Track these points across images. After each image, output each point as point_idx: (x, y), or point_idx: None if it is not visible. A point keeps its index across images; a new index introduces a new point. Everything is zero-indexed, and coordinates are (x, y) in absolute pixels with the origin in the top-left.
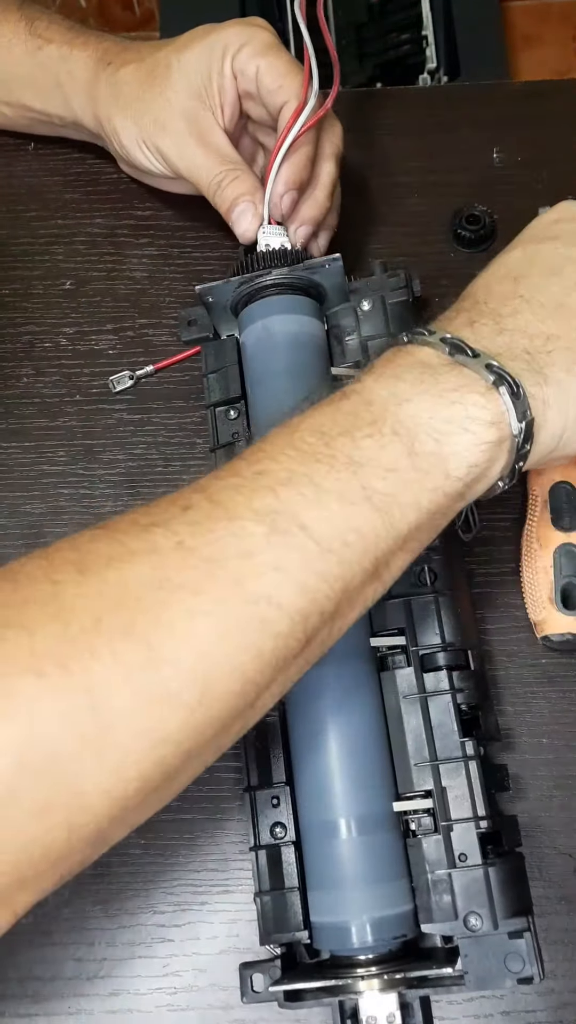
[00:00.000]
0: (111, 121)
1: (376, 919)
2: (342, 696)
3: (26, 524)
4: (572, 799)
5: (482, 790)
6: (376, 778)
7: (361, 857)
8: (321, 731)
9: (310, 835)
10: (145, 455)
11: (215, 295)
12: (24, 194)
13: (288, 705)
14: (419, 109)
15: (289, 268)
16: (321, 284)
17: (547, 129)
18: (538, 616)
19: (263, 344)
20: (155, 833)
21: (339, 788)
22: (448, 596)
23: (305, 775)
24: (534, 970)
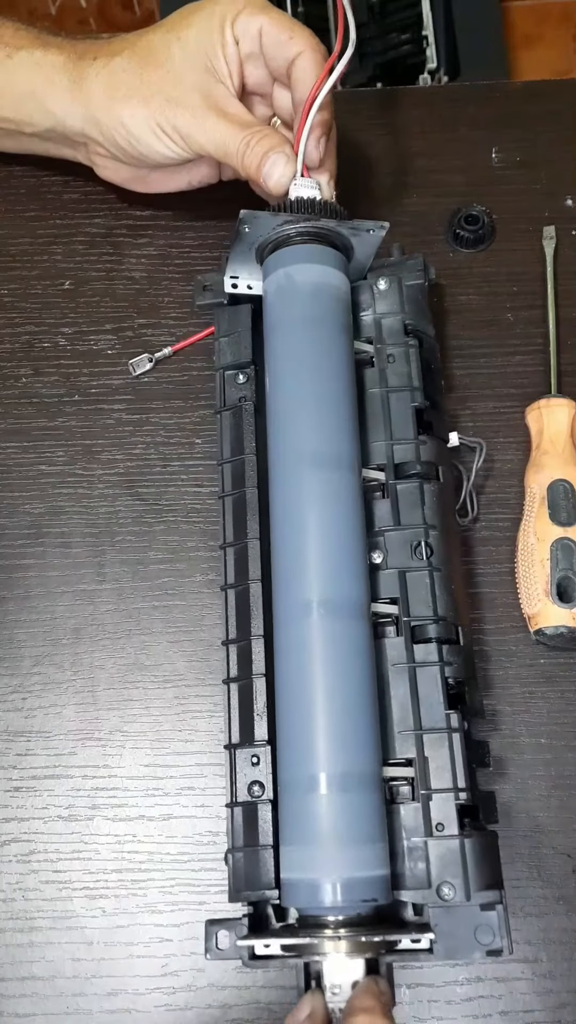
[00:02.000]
0: (114, 113)
1: (348, 879)
2: (336, 651)
3: (25, 524)
4: (571, 799)
5: (464, 762)
6: (363, 737)
7: (340, 815)
8: (310, 683)
9: (289, 789)
10: (144, 455)
11: (254, 226)
12: (23, 194)
13: (278, 656)
14: (419, 109)
15: (337, 221)
16: (353, 248)
17: (547, 129)
18: (533, 609)
19: (284, 292)
20: (154, 832)
21: (324, 742)
22: (443, 572)
23: (289, 727)
24: (503, 943)
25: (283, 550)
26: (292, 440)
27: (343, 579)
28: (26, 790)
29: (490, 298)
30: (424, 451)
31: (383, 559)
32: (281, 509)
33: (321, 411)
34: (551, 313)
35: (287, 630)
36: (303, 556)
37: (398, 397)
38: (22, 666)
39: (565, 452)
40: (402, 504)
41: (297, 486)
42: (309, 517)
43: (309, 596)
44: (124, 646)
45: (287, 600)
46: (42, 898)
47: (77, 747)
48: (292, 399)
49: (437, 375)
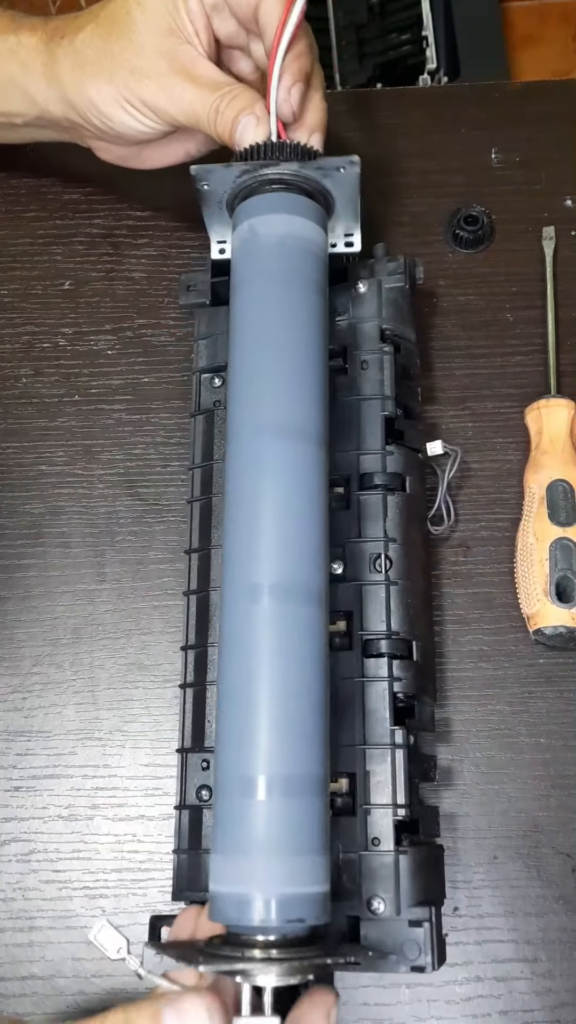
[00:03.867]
0: (83, 92)
1: (283, 896)
2: (285, 641)
3: (25, 524)
4: (570, 798)
5: (405, 779)
6: (310, 737)
7: (278, 822)
8: (254, 675)
9: (223, 791)
10: (144, 455)
11: (212, 181)
12: (23, 194)
13: (221, 644)
14: (418, 109)
15: (299, 163)
16: (331, 192)
17: (546, 129)
18: (532, 609)
19: (249, 246)
20: (153, 832)
21: (265, 740)
22: (400, 586)
23: (228, 722)
24: (428, 960)
25: (233, 527)
26: (250, 407)
27: (298, 562)
28: (26, 790)
29: (489, 298)
30: (391, 462)
31: (343, 570)
32: (234, 481)
33: (284, 376)
34: (550, 313)
35: (232, 615)
36: (255, 534)
37: (369, 405)
38: (22, 666)
39: (564, 452)
40: (364, 515)
41: (254, 457)
42: (265, 491)
43: (259, 579)
44: (124, 646)
45: (234, 582)
46: (42, 898)
47: (77, 747)
48: (251, 362)
49: (415, 381)
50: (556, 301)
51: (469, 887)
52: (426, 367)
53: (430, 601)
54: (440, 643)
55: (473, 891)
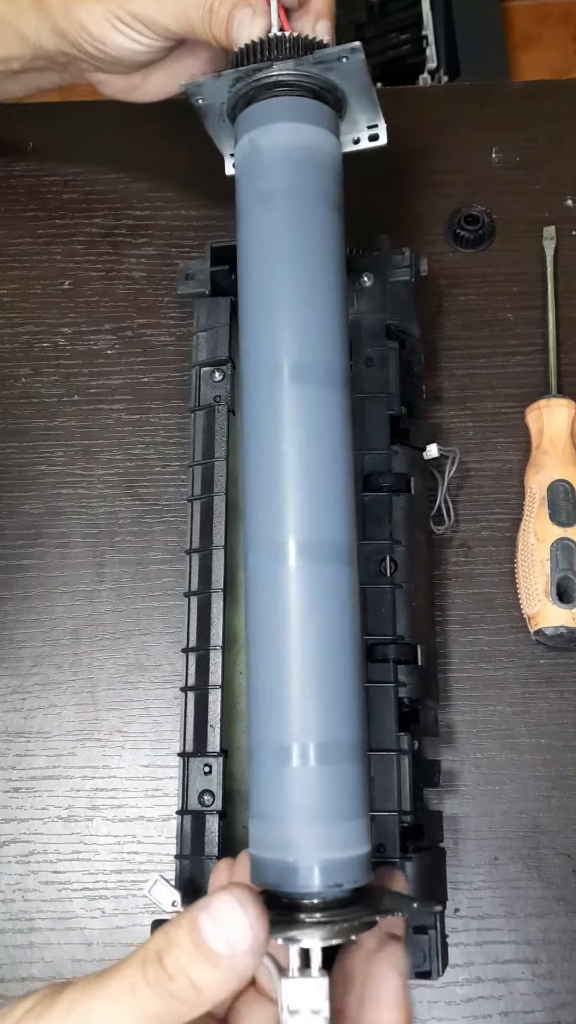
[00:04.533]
0: (73, 17)
1: (328, 861)
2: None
3: (25, 524)
4: (570, 799)
5: (410, 785)
6: (346, 701)
7: (319, 790)
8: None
9: (259, 758)
10: (144, 455)
11: (206, 94)
12: (23, 194)
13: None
14: (419, 109)
15: (295, 61)
16: (339, 87)
17: (546, 129)
18: (532, 609)
19: (250, 163)
20: (153, 833)
21: (302, 707)
22: (404, 589)
23: (261, 689)
24: (433, 966)
25: (254, 482)
26: (265, 347)
27: (326, 518)
28: (25, 791)
29: (490, 298)
30: (396, 462)
31: None
32: (253, 432)
33: (299, 310)
34: (551, 313)
35: (257, 578)
36: (278, 489)
37: (373, 403)
38: (21, 667)
39: (565, 452)
40: (369, 517)
41: (272, 403)
42: (286, 441)
43: (284, 537)
44: (124, 646)
45: (258, 542)
46: (41, 899)
47: (77, 748)
48: (263, 296)
49: (418, 378)
50: (556, 301)
51: (470, 888)
52: (427, 367)
53: (433, 603)
54: (441, 644)
55: (474, 892)
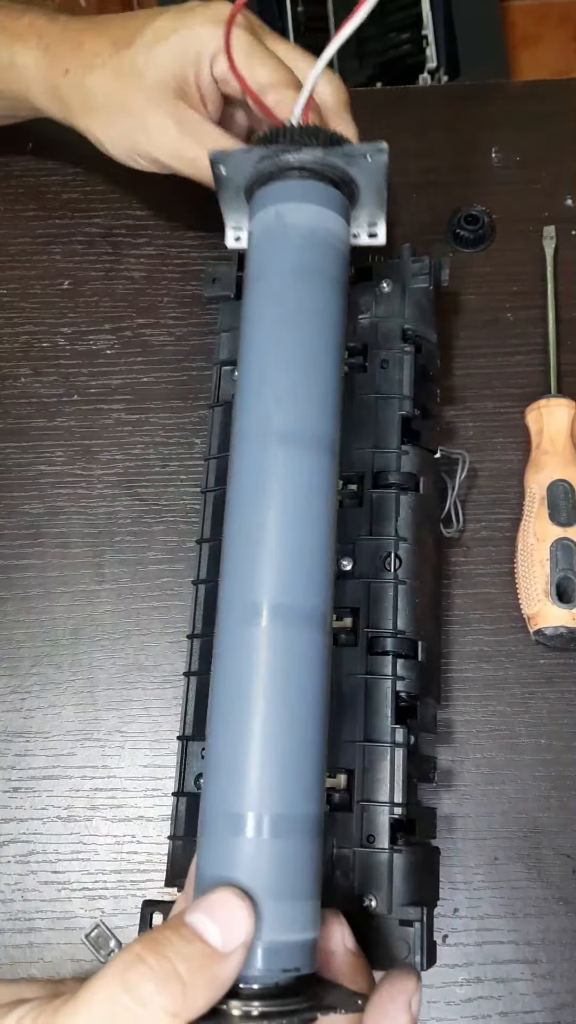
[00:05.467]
0: (91, 130)
1: (272, 944)
2: (284, 669)
3: (24, 524)
4: (571, 799)
5: (403, 778)
6: (307, 773)
7: (268, 864)
8: (248, 704)
9: (210, 827)
10: (143, 455)
11: (230, 166)
12: (22, 193)
13: (214, 668)
14: (418, 108)
15: (323, 150)
16: (355, 181)
17: (546, 129)
18: (532, 609)
19: (272, 235)
20: (153, 833)
21: (258, 776)
22: (408, 585)
23: (219, 753)
24: (418, 960)
25: (234, 540)
26: (260, 409)
27: (303, 581)
28: (25, 790)
29: (490, 298)
30: (405, 461)
31: (352, 567)
32: (238, 491)
33: (300, 379)
34: (551, 313)
35: (228, 637)
36: (257, 549)
37: (387, 404)
38: (21, 667)
39: (565, 452)
40: (376, 513)
41: (260, 464)
42: (271, 503)
43: (259, 598)
44: (123, 647)
45: (233, 602)
46: (41, 899)
47: (76, 748)
48: (266, 361)
49: (433, 382)
50: (557, 301)
51: (469, 888)
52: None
53: (439, 603)
54: (441, 643)
55: (473, 892)
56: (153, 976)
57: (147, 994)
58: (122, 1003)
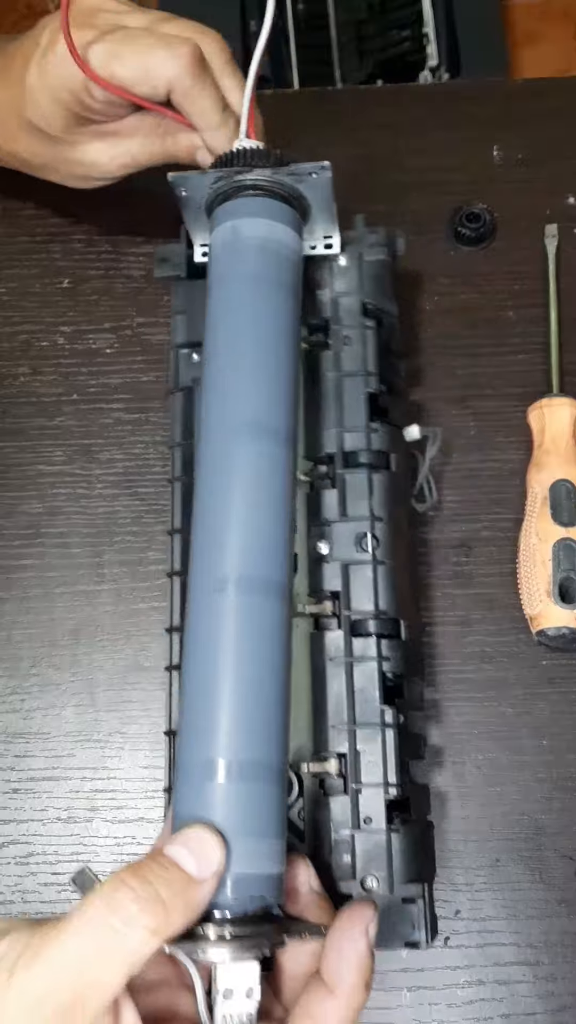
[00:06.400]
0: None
1: (240, 875)
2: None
3: (23, 524)
4: (573, 801)
5: (396, 758)
6: (270, 725)
7: (236, 804)
8: (218, 663)
9: (184, 773)
10: (143, 455)
11: (189, 188)
12: (21, 192)
13: (187, 634)
14: (419, 106)
15: (272, 170)
16: (304, 196)
17: (548, 127)
18: (534, 610)
19: (228, 247)
20: (153, 835)
21: (227, 726)
22: (387, 565)
23: (192, 708)
24: (422, 936)
25: (202, 522)
26: (224, 406)
27: (263, 558)
28: (24, 792)
29: (491, 296)
30: (375, 439)
31: (329, 551)
32: (205, 479)
33: (258, 377)
34: (553, 312)
35: (199, 606)
36: (224, 529)
37: (352, 382)
38: (20, 667)
39: (567, 452)
40: (349, 494)
41: (225, 455)
42: (234, 488)
43: (226, 572)
44: (123, 647)
45: (202, 575)
46: (41, 900)
47: (76, 749)
48: (227, 362)
49: (398, 358)
50: (559, 299)
51: (471, 890)
52: (428, 365)
53: (416, 580)
54: (442, 644)
55: (475, 894)
56: (137, 898)
57: (131, 914)
58: (108, 922)
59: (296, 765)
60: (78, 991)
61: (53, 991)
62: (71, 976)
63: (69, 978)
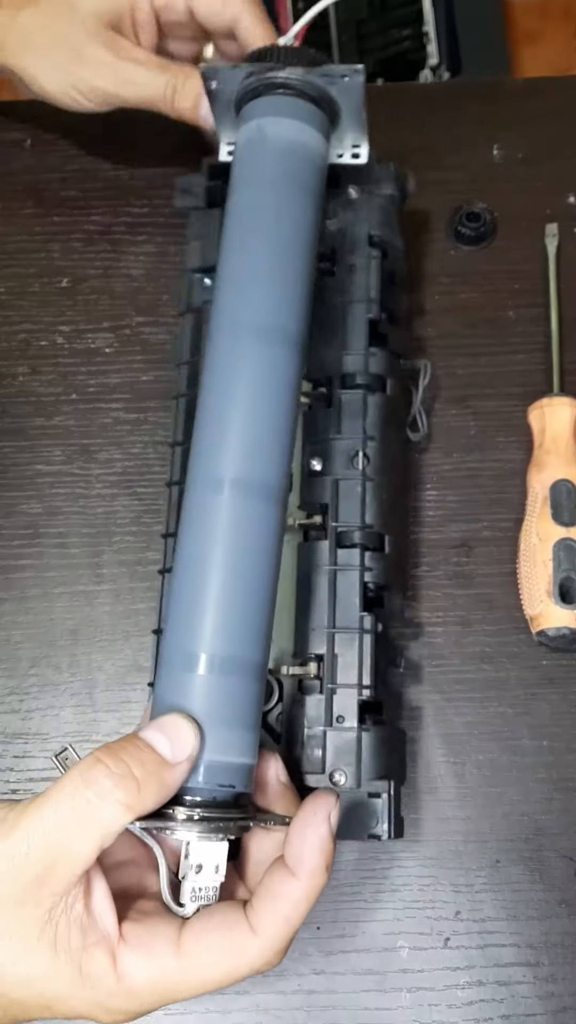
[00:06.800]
0: (27, 69)
1: (212, 762)
2: (242, 535)
3: (22, 524)
4: (573, 802)
5: (371, 662)
6: (254, 624)
7: (213, 696)
8: (208, 561)
9: (167, 663)
10: (142, 454)
11: (221, 80)
12: (20, 191)
13: (180, 532)
14: (419, 105)
15: (304, 69)
16: (335, 99)
17: (548, 126)
18: (535, 610)
19: (254, 146)
20: None
21: (212, 621)
22: (376, 481)
23: (180, 602)
24: (385, 828)
25: (206, 421)
26: (234, 305)
27: (262, 461)
28: (23, 792)
29: (492, 296)
30: (373, 363)
31: (322, 466)
32: (212, 378)
33: (272, 278)
34: (553, 311)
35: (195, 504)
36: (225, 430)
37: (355, 308)
38: (19, 668)
39: (568, 452)
40: (345, 414)
41: (231, 354)
42: (240, 389)
43: (222, 470)
44: (122, 647)
45: (200, 472)
46: None
47: None
48: (241, 261)
49: (401, 289)
50: (559, 299)
51: (471, 891)
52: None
53: (406, 500)
54: (442, 644)
55: (475, 895)
56: (111, 775)
57: (105, 788)
58: (83, 796)
59: (277, 669)
60: (52, 859)
61: (28, 859)
62: (46, 844)
63: (44, 846)
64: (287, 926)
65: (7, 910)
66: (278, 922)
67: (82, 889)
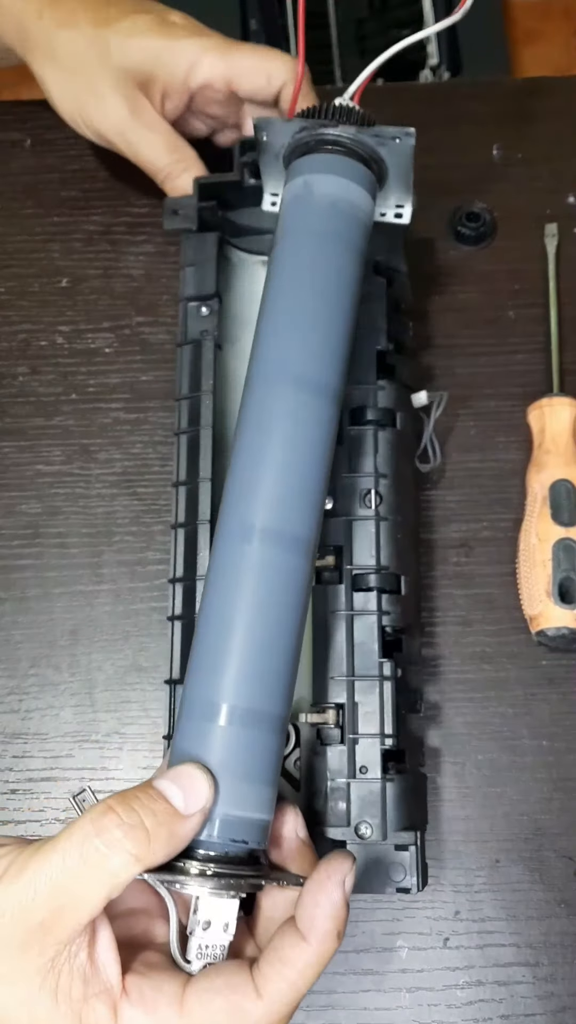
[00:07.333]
0: (45, 81)
1: (227, 816)
2: (270, 583)
3: (22, 524)
4: (572, 801)
5: (392, 709)
6: (278, 676)
7: (233, 748)
8: (234, 609)
9: (188, 712)
10: (142, 454)
11: (271, 133)
12: (20, 191)
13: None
14: (419, 105)
15: (356, 128)
16: (383, 160)
17: (548, 126)
18: (534, 610)
19: (301, 201)
20: None
21: (235, 672)
22: (389, 521)
23: (203, 650)
24: (413, 881)
25: (239, 468)
26: (275, 355)
27: (295, 513)
28: (23, 792)
29: (491, 296)
30: (382, 397)
31: (333, 505)
32: (247, 426)
33: (315, 332)
34: (553, 311)
35: (224, 552)
36: (258, 478)
37: (361, 338)
38: (19, 668)
39: (567, 452)
40: (355, 450)
41: (270, 404)
42: (275, 439)
43: (254, 520)
44: (122, 647)
45: (231, 521)
46: None
47: (74, 749)
48: (285, 312)
49: (406, 315)
50: (559, 299)
51: (471, 891)
52: (428, 365)
53: (417, 536)
54: (441, 644)
55: (475, 895)
56: (121, 824)
57: (115, 838)
58: (93, 844)
59: (295, 716)
60: (58, 906)
61: (34, 904)
62: (53, 890)
63: (50, 892)
64: (293, 992)
65: (10, 955)
66: (284, 988)
67: (87, 938)
